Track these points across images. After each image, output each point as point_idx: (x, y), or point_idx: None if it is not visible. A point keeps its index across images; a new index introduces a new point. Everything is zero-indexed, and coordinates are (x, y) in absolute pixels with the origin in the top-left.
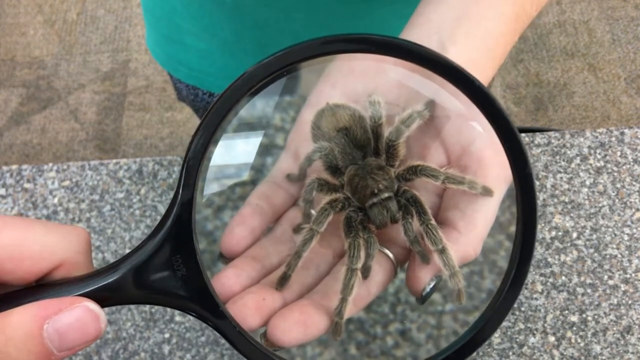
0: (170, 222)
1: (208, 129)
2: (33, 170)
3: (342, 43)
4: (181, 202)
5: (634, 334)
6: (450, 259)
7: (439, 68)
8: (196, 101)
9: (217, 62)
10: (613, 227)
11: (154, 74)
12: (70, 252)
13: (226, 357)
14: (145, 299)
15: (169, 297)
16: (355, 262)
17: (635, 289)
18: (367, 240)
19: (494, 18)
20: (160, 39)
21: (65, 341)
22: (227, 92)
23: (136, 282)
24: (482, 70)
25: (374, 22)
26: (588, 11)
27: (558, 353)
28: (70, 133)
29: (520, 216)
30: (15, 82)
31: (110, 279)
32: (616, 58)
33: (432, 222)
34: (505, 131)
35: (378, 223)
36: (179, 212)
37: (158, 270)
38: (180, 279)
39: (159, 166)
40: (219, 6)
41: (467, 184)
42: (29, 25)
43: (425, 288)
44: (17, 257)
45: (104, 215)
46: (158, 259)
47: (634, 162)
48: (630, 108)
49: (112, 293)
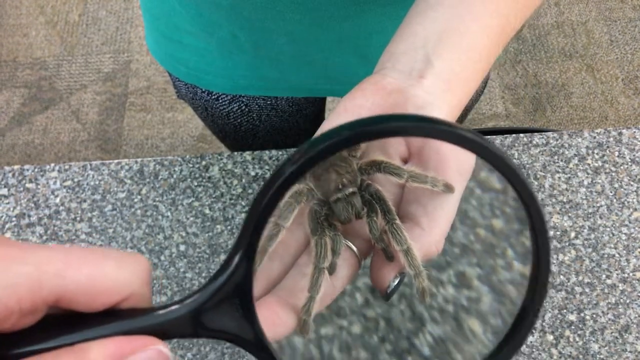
0: (231, 268)
1: (287, 182)
2: (35, 171)
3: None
4: (246, 248)
5: (631, 332)
6: (415, 259)
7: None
8: (195, 99)
9: (215, 61)
10: (611, 227)
11: (155, 74)
12: (137, 286)
13: (227, 356)
14: (201, 335)
15: (224, 334)
16: (323, 262)
17: (633, 288)
18: (333, 238)
19: (479, 31)
20: (159, 38)
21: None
22: None
23: (195, 320)
24: (465, 84)
25: (367, 23)
26: (586, 12)
27: (556, 352)
28: (72, 133)
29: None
30: (17, 83)
31: (174, 315)
32: (614, 59)
33: (396, 221)
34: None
35: (343, 219)
36: (241, 258)
37: (218, 310)
38: (237, 319)
39: (160, 166)
40: (216, 6)
41: (429, 183)
42: (30, 27)
43: (390, 285)
44: (92, 293)
45: (105, 215)
46: (219, 300)
47: (632, 162)
48: (628, 108)
49: (173, 328)
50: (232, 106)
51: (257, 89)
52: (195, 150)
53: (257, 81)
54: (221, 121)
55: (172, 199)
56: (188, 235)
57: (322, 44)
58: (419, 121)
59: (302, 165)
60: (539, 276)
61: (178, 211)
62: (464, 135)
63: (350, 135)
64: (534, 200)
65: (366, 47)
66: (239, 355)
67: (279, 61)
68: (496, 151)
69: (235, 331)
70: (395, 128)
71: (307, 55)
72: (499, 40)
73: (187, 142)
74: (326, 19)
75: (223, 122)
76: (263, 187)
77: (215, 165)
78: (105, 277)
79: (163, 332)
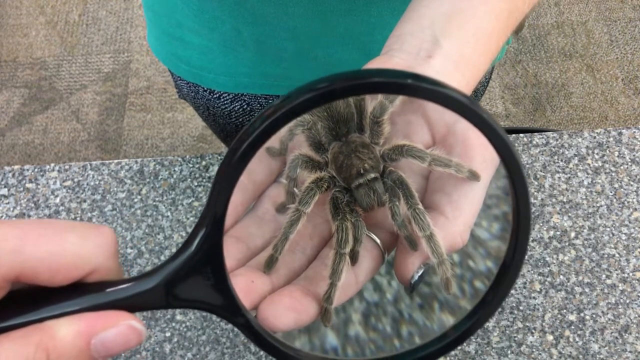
0: (201, 236)
1: (254, 143)
2: (35, 171)
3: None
4: (214, 217)
5: (631, 332)
6: (439, 246)
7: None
8: (197, 98)
9: (217, 59)
10: (611, 227)
11: (155, 74)
12: (102, 258)
13: (227, 356)
14: (174, 305)
15: (198, 303)
16: (344, 246)
17: (632, 288)
18: (355, 224)
19: (486, 13)
20: (161, 36)
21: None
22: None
23: (168, 290)
24: (474, 65)
25: (371, 19)
26: (586, 12)
27: (556, 352)
28: (72, 133)
29: (515, 210)
30: (18, 83)
31: (144, 287)
32: (614, 59)
33: (419, 206)
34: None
35: (365, 205)
36: (210, 226)
37: (189, 279)
38: (208, 287)
39: (160, 166)
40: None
41: (453, 167)
42: (31, 27)
43: (414, 276)
44: (53, 267)
45: (105, 215)
46: (189, 269)
47: (632, 162)
48: (627, 108)
49: (144, 300)
50: (234, 105)
51: (259, 87)
52: (195, 150)
53: (259, 79)
54: (223, 120)
55: (172, 199)
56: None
57: (325, 39)
58: (401, 77)
59: (272, 123)
60: (519, 230)
61: (178, 211)
62: (449, 94)
63: (326, 90)
64: (509, 148)
65: (370, 44)
66: (239, 356)
67: (282, 57)
68: (481, 112)
69: (209, 299)
70: (375, 84)
71: (310, 51)
72: (507, 23)
73: (187, 142)
74: (329, 13)
75: (225, 121)
76: (230, 149)
77: (215, 165)
78: (65, 251)
79: (134, 305)
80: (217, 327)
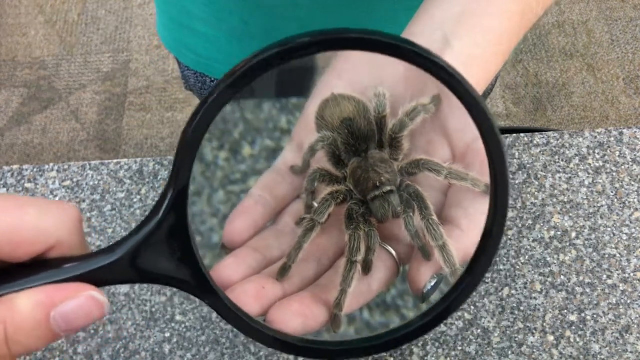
0: (165, 207)
1: (207, 114)
2: (34, 171)
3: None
4: (176, 188)
5: (632, 333)
6: (451, 256)
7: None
8: (203, 89)
9: (224, 49)
10: (612, 227)
11: (155, 74)
12: (64, 233)
13: (226, 356)
14: (141, 280)
15: (165, 278)
16: (355, 254)
17: (634, 288)
18: (368, 233)
19: (498, 14)
20: (170, 24)
21: (70, 325)
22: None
23: (133, 263)
24: (484, 67)
25: (379, 12)
26: (587, 12)
27: (557, 352)
28: (71, 133)
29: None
30: (17, 83)
31: (107, 260)
32: (615, 58)
33: (433, 217)
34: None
35: (380, 217)
36: (174, 198)
37: (154, 252)
38: (176, 260)
39: (160, 166)
40: None
41: (470, 181)
42: (30, 26)
43: (426, 286)
44: (14, 242)
45: (104, 215)
46: (154, 242)
47: (633, 162)
48: (629, 108)
49: (109, 274)
50: None
51: None
52: None
53: None
54: None
55: None
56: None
57: None
58: (378, 35)
59: (235, 81)
60: (497, 194)
61: None
62: (433, 60)
63: (302, 43)
64: (486, 114)
65: None
66: (239, 356)
67: None
68: (456, 76)
69: (175, 274)
70: (353, 39)
71: None
72: (520, 25)
73: None
74: (337, 4)
75: None
76: (191, 115)
77: None
78: (25, 225)
79: (99, 279)
80: (217, 327)
